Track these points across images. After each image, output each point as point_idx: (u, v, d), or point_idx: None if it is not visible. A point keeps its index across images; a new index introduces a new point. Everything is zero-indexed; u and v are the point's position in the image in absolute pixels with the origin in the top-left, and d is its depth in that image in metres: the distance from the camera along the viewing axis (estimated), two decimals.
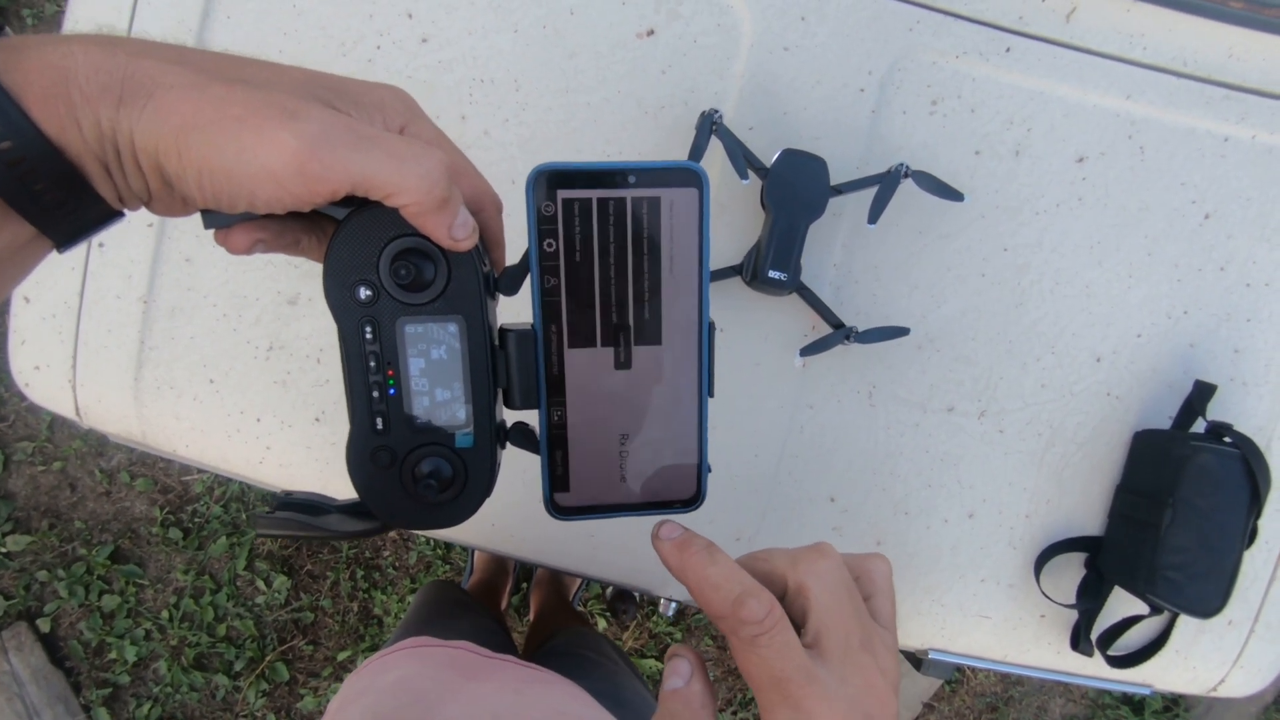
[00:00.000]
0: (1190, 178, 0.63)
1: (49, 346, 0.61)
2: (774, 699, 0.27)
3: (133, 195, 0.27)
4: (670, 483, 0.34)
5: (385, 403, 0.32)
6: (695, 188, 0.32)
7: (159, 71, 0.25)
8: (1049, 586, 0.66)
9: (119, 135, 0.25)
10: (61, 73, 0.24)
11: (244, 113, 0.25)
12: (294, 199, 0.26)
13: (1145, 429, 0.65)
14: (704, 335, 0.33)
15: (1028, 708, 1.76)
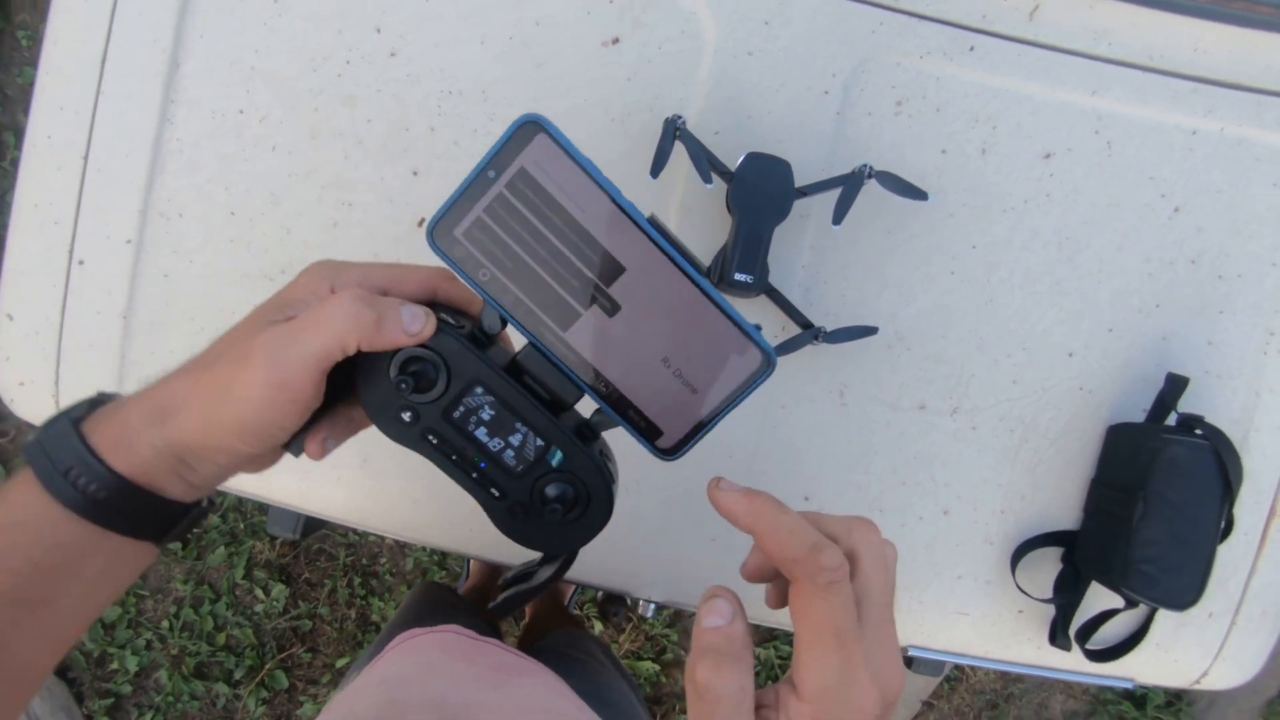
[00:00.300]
0: (1159, 172, 0.63)
1: (32, 363, 0.62)
2: (829, 646, 0.28)
3: (203, 482, 0.35)
4: (736, 367, 0.34)
5: (486, 477, 0.36)
6: (542, 133, 0.32)
7: (173, 393, 0.33)
8: (1025, 582, 0.66)
9: (169, 447, 0.33)
10: (121, 421, 0.33)
11: (222, 384, 0.32)
12: (296, 405, 0.32)
13: (1119, 423, 0.65)
14: (649, 232, 0.33)
15: (1028, 704, 1.76)
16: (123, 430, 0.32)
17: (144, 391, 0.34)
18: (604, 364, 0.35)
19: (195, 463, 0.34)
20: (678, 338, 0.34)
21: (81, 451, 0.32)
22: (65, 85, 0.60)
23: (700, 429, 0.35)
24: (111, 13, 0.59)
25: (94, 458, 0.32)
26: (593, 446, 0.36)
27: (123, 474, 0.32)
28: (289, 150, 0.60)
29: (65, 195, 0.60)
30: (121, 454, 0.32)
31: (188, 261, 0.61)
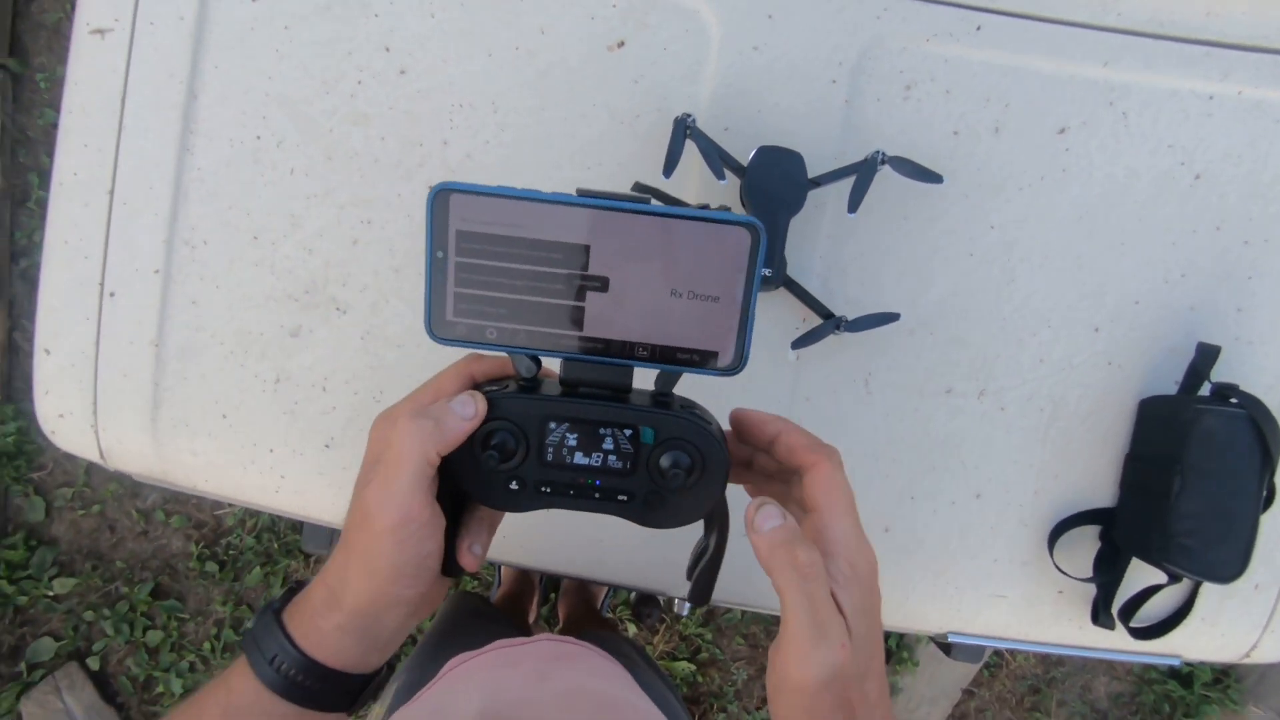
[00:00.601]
0: (1177, 139, 0.63)
1: (70, 395, 0.64)
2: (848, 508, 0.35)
3: (389, 641, 0.39)
4: (733, 253, 0.34)
5: (607, 490, 0.38)
6: (454, 194, 0.33)
7: (336, 574, 0.37)
8: (1064, 561, 0.65)
9: (351, 622, 0.37)
10: (309, 608, 0.38)
11: (362, 548, 0.36)
12: (424, 530, 0.35)
13: (1150, 396, 0.64)
14: (583, 202, 0.34)
15: (1071, 688, 1.73)
16: (311, 616, 0.37)
17: (321, 574, 0.38)
18: (629, 332, 0.36)
19: (377, 627, 0.38)
20: (670, 268, 0.35)
21: (282, 641, 0.37)
22: (88, 123, 0.61)
23: (744, 326, 0.36)
24: (129, 51, 0.60)
25: (292, 646, 0.37)
26: (673, 406, 0.38)
27: (315, 659, 0.37)
28: (306, 172, 0.61)
29: (93, 230, 0.62)
30: (314, 639, 0.37)
31: (214, 287, 0.62)
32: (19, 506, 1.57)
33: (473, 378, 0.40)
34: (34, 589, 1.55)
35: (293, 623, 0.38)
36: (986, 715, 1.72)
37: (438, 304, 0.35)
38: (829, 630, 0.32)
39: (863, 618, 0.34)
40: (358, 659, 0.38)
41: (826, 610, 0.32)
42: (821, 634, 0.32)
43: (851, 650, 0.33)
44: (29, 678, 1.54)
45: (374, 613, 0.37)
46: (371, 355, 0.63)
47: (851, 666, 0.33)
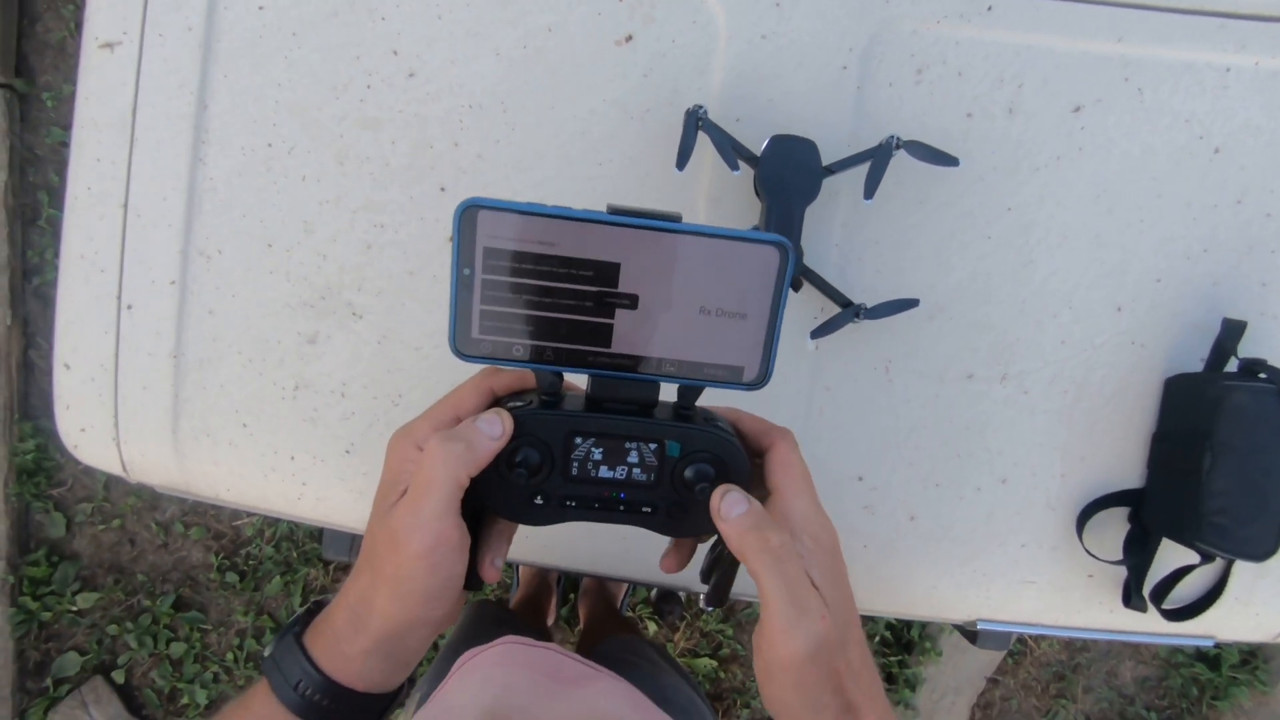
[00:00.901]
0: (1194, 113, 0.62)
1: (91, 408, 0.64)
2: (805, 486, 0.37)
3: (410, 660, 0.39)
4: (761, 271, 0.35)
5: (631, 503, 0.38)
6: (481, 211, 0.33)
7: (360, 597, 0.37)
8: (1093, 545, 0.65)
9: (376, 646, 0.36)
10: (332, 631, 0.37)
11: (391, 572, 0.35)
12: (455, 552, 0.35)
13: (1176, 374, 0.64)
14: (614, 220, 0.34)
15: (1097, 673, 1.72)
16: (334, 639, 0.37)
17: (341, 595, 0.38)
18: (657, 349, 0.36)
19: (402, 649, 0.38)
20: (698, 285, 0.35)
21: (305, 665, 0.37)
22: (99, 138, 0.61)
23: (770, 342, 0.36)
24: (138, 63, 0.60)
25: (315, 670, 0.37)
26: (696, 419, 0.38)
27: (341, 683, 0.37)
28: (318, 178, 0.61)
29: (109, 243, 0.62)
30: (338, 663, 0.37)
31: (230, 296, 0.62)
32: (40, 523, 1.58)
33: (493, 392, 0.40)
34: (57, 604, 1.56)
35: (316, 646, 0.37)
36: (1011, 703, 1.71)
37: (463, 321, 0.35)
38: (807, 604, 0.33)
39: (834, 588, 0.35)
40: (382, 680, 0.38)
41: (803, 586, 0.33)
42: (801, 609, 0.33)
43: (831, 620, 0.34)
44: (55, 693, 1.55)
45: (401, 635, 0.36)
46: (389, 359, 0.63)
47: (833, 635, 0.34)
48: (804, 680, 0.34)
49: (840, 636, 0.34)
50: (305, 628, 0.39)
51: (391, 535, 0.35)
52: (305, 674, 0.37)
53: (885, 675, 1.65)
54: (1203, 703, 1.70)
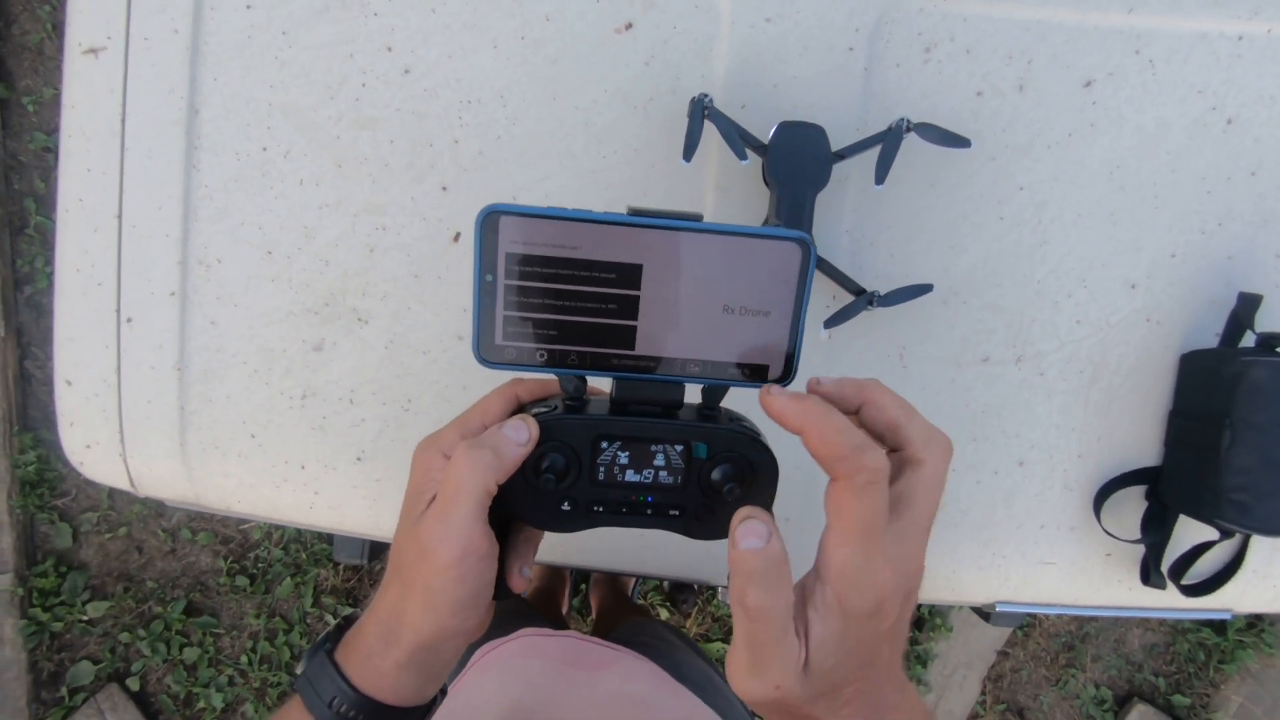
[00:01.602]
0: (1207, 84, 0.61)
1: (96, 425, 0.63)
2: (854, 538, 0.31)
3: (443, 670, 0.38)
4: (784, 268, 0.34)
5: (659, 506, 0.37)
6: (504, 216, 0.33)
7: (391, 609, 0.36)
8: (1111, 524, 0.65)
9: (410, 659, 0.36)
10: (364, 645, 0.37)
11: (422, 584, 0.35)
12: (484, 561, 0.35)
13: (1192, 350, 0.63)
14: (636, 222, 0.33)
15: (1105, 642, 1.73)
16: (367, 654, 0.37)
17: (371, 609, 0.38)
18: (680, 350, 0.36)
19: (435, 660, 0.37)
20: (721, 284, 0.35)
21: (339, 681, 0.37)
22: (89, 147, 0.60)
23: (795, 340, 0.36)
24: (124, 69, 0.59)
25: (349, 686, 0.37)
26: (721, 419, 0.37)
27: (373, 697, 0.37)
28: (316, 182, 0.60)
29: (105, 256, 0.60)
30: (372, 678, 0.37)
31: (232, 306, 0.61)
32: (46, 534, 1.58)
33: (518, 400, 0.40)
34: (68, 614, 1.56)
35: (349, 663, 0.37)
36: (1022, 674, 1.72)
37: (487, 328, 0.34)
38: (766, 671, 0.31)
39: (833, 654, 0.31)
40: (415, 692, 0.38)
41: (766, 653, 0.31)
42: (756, 670, 0.31)
43: (795, 688, 0.31)
44: (71, 702, 1.56)
45: (434, 646, 0.36)
46: (397, 364, 0.62)
47: (792, 699, 0.31)
48: (763, 714, 0.33)
49: (816, 695, 0.31)
50: (336, 644, 0.39)
51: (420, 545, 0.35)
52: (339, 690, 0.37)
53: None
54: (1209, 667, 1.72)
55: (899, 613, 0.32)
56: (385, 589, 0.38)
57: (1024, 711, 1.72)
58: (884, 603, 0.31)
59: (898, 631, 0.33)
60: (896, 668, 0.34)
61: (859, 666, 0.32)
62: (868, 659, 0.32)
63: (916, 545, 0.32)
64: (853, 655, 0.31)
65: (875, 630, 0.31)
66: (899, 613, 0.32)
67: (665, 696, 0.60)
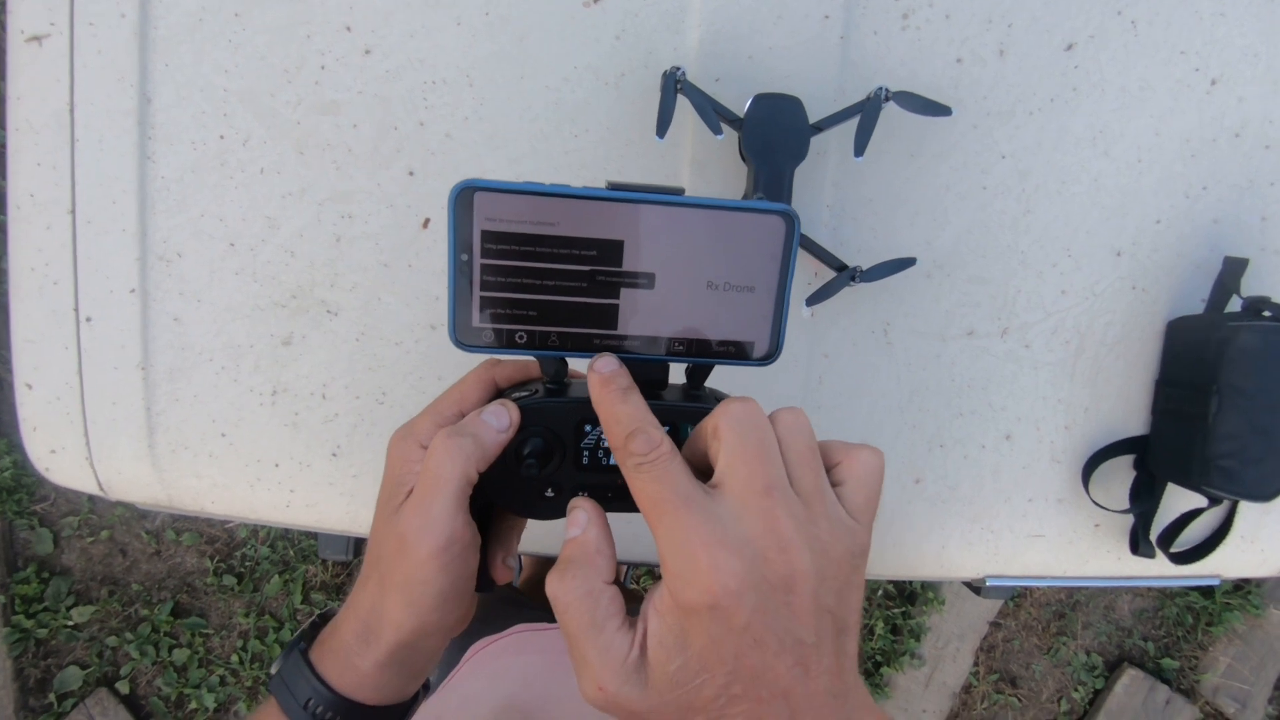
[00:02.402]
0: (1190, 44, 0.59)
1: (59, 429, 0.61)
2: (651, 520, 0.29)
3: (425, 667, 0.37)
4: (768, 242, 0.33)
5: None
6: (478, 192, 0.31)
7: (370, 607, 0.35)
8: (1100, 495, 0.64)
9: (389, 657, 0.35)
10: (340, 644, 0.36)
11: (401, 579, 0.33)
12: (466, 551, 0.34)
13: (1178, 317, 0.62)
14: (615, 196, 0.32)
15: (1095, 609, 1.75)
16: (344, 654, 0.36)
17: (348, 605, 0.37)
18: (664, 328, 0.35)
19: (417, 657, 0.36)
20: (703, 260, 0.34)
21: (314, 683, 0.36)
22: (37, 140, 0.57)
23: (779, 316, 0.35)
24: (70, 57, 0.56)
25: (325, 687, 0.36)
26: (706, 399, 0.37)
27: (350, 697, 0.36)
28: (278, 170, 0.58)
29: (60, 253, 0.58)
30: (348, 677, 0.36)
31: (196, 302, 0.59)
32: (26, 540, 1.55)
33: (495, 384, 0.38)
34: (52, 620, 1.54)
35: (324, 663, 0.36)
36: (1014, 644, 1.74)
37: (463, 310, 0.33)
38: (581, 669, 0.29)
39: (675, 654, 0.27)
40: (396, 691, 0.37)
41: (579, 647, 0.29)
42: (579, 670, 0.29)
43: (627, 690, 0.28)
44: (60, 708, 1.54)
45: (414, 643, 0.35)
46: (369, 356, 0.60)
47: (634, 705, 0.28)
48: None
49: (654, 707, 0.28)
50: (311, 642, 0.37)
51: (400, 539, 0.33)
52: (315, 692, 0.35)
53: (890, 627, 1.68)
54: (1197, 630, 1.75)
55: (755, 608, 0.27)
56: (363, 584, 0.36)
57: (1016, 680, 1.74)
58: (717, 594, 0.26)
59: (773, 635, 0.27)
60: (812, 686, 0.28)
61: (732, 680, 0.27)
62: (739, 671, 0.27)
63: (763, 524, 0.28)
64: (707, 662, 0.27)
65: (727, 630, 0.27)
66: (755, 608, 0.27)
67: None
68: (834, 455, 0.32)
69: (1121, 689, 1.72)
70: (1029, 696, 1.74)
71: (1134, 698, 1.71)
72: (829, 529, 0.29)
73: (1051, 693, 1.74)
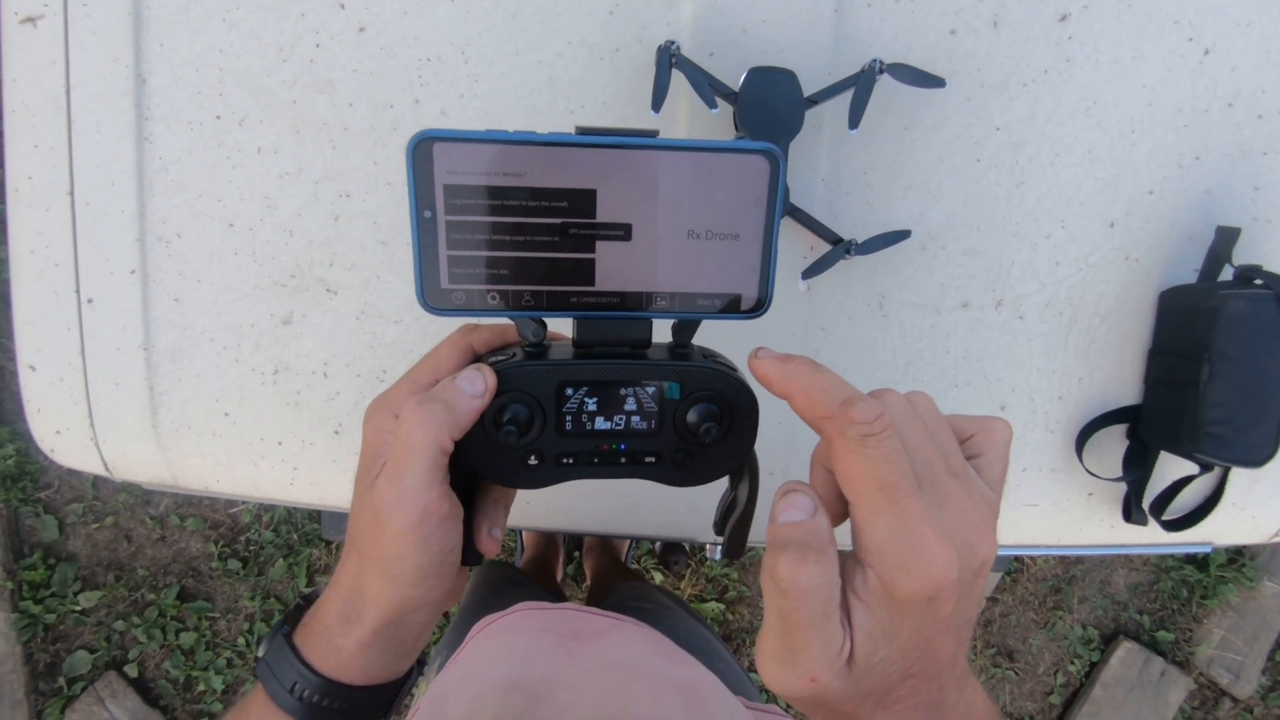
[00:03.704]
0: (1183, 14, 0.59)
1: (64, 410, 0.61)
2: (878, 503, 0.27)
3: (414, 644, 0.37)
4: (751, 183, 0.32)
5: (633, 454, 0.35)
6: (437, 143, 0.30)
7: (351, 586, 0.35)
8: (1093, 463, 0.65)
9: (374, 636, 0.34)
10: (323, 626, 0.35)
11: (378, 553, 0.33)
12: (445, 523, 0.32)
13: (1171, 287, 0.63)
14: (586, 141, 0.31)
15: (1091, 583, 1.77)
16: (328, 636, 0.35)
17: (331, 585, 0.36)
18: (646, 282, 0.33)
19: (403, 634, 0.35)
20: (684, 207, 0.32)
21: (299, 667, 0.35)
22: (34, 122, 0.57)
23: (768, 263, 0.33)
24: (65, 37, 0.56)
25: (309, 670, 0.35)
26: (693, 357, 0.35)
27: (340, 681, 0.35)
28: (274, 150, 0.58)
29: (59, 235, 0.58)
30: (332, 659, 0.35)
31: (196, 282, 0.59)
32: (31, 527, 1.56)
33: (472, 350, 0.37)
34: (60, 606, 1.56)
35: (308, 645, 0.35)
36: (1011, 619, 1.76)
37: (430, 271, 0.31)
38: (796, 659, 0.27)
39: (882, 646, 0.27)
40: (385, 670, 0.36)
41: (801, 636, 0.27)
42: (788, 659, 0.27)
43: (835, 682, 0.27)
44: (70, 691, 1.56)
45: (398, 620, 0.34)
46: (369, 334, 0.60)
47: (833, 694, 0.27)
48: (796, 706, 0.29)
49: (856, 693, 0.27)
50: (295, 625, 0.37)
51: (375, 512, 0.32)
52: (300, 676, 0.35)
53: None
54: (1192, 603, 1.77)
55: (959, 596, 0.27)
56: (343, 563, 0.35)
57: (1013, 654, 1.76)
58: (940, 585, 0.26)
59: (959, 620, 0.28)
60: (960, 664, 0.29)
61: (915, 663, 0.27)
62: (924, 654, 0.27)
63: (966, 509, 0.27)
64: (906, 650, 0.27)
65: (932, 619, 0.27)
66: (959, 596, 0.27)
67: (665, 662, 0.60)
68: (966, 428, 0.32)
69: (1117, 661, 1.74)
70: (1026, 670, 1.76)
71: (1129, 670, 1.74)
72: (985, 506, 0.29)
73: (1048, 666, 1.77)
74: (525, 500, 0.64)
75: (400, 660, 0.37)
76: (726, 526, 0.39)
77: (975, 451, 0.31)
